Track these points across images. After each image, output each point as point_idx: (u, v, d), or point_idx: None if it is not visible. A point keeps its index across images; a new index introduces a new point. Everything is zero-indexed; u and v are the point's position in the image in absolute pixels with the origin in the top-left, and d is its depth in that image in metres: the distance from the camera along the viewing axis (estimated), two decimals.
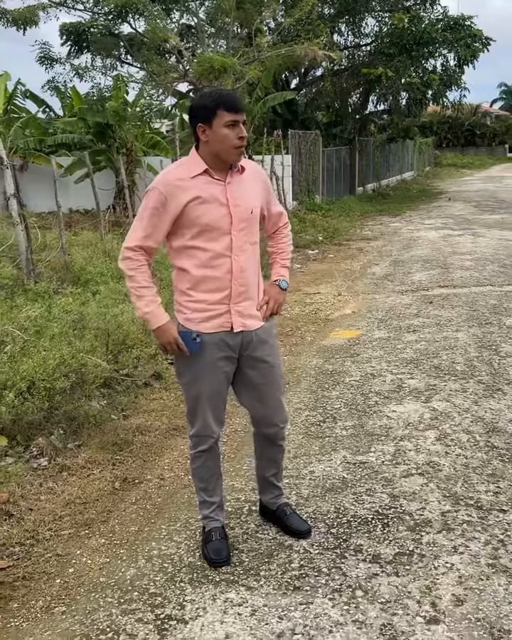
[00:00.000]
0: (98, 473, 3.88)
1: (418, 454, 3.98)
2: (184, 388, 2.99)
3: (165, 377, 5.34)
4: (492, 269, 9.94)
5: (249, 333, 2.90)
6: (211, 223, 2.75)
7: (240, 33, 15.00)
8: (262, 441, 3.18)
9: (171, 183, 2.74)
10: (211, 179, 2.77)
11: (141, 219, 2.79)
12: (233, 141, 2.72)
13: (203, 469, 3.07)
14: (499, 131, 61.37)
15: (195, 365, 2.88)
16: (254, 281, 2.92)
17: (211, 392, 2.92)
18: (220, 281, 2.81)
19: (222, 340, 2.86)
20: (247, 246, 2.86)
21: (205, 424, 2.96)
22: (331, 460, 3.95)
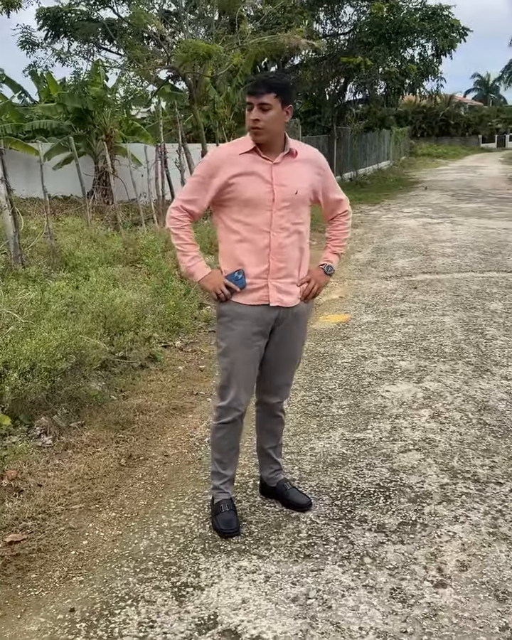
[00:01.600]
0: (103, 450, 3.95)
1: (414, 431, 4.11)
2: (220, 358, 3.09)
3: (160, 360, 5.41)
4: (472, 256, 10.12)
5: (285, 310, 3.01)
6: (253, 198, 2.87)
7: (222, 20, 14.96)
8: (264, 411, 3.28)
9: (220, 157, 2.92)
10: (258, 157, 2.90)
11: (189, 185, 3.01)
12: (248, 122, 2.88)
13: (223, 441, 3.16)
14: (473, 121, 61.88)
15: (233, 335, 2.98)
16: (295, 260, 3.01)
17: (244, 364, 3.02)
18: (259, 255, 2.93)
19: (260, 314, 2.97)
20: (289, 225, 2.95)
21: (236, 396, 3.05)
22: (330, 437, 4.06)
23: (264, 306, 2.97)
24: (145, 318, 5.92)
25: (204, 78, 12.92)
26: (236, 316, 2.97)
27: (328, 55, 21.43)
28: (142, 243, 8.77)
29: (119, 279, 7.05)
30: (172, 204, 3.01)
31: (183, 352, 5.75)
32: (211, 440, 3.23)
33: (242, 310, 2.97)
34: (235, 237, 2.94)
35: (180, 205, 2.97)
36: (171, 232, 3.00)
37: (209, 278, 2.97)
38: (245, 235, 2.92)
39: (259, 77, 2.92)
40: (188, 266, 2.99)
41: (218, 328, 3.07)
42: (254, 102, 2.83)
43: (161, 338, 5.83)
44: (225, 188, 2.89)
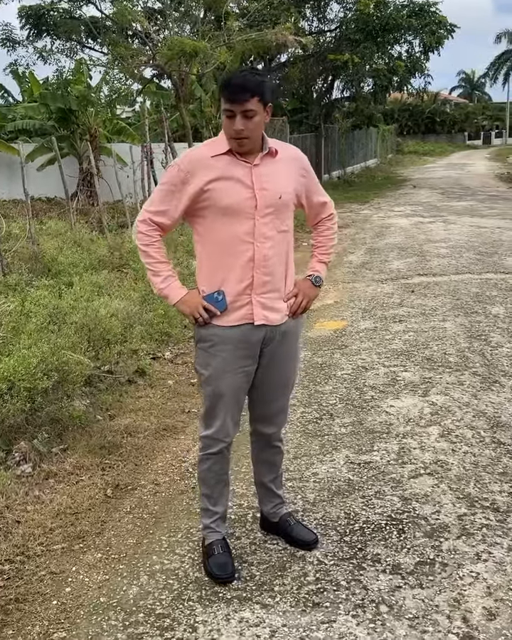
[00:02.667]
0: (87, 479, 3.62)
1: (424, 453, 3.82)
2: (203, 387, 2.78)
3: (149, 374, 5.09)
4: (468, 256, 9.86)
5: (272, 329, 2.70)
6: (232, 206, 2.56)
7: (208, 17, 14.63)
8: (259, 441, 2.98)
9: (193, 161, 2.59)
10: (235, 160, 2.58)
11: (157, 194, 2.66)
12: (229, 131, 2.54)
13: (210, 473, 2.85)
14: (458, 118, 61.85)
15: (216, 362, 2.67)
16: (281, 272, 2.71)
17: (231, 392, 2.72)
18: (241, 270, 2.62)
19: (244, 335, 2.66)
20: (273, 233, 2.64)
21: (222, 426, 2.75)
22: (334, 460, 3.76)
23: (249, 325, 2.66)
24: (132, 328, 5.60)
25: (190, 76, 12.58)
26: (218, 340, 2.65)
27: (315, 53, 21.12)
28: (128, 247, 8.44)
29: (105, 286, 6.72)
30: (138, 217, 2.67)
31: (173, 364, 5.43)
32: (198, 473, 2.92)
33: (224, 333, 2.65)
34: (213, 251, 2.63)
35: (148, 218, 2.63)
36: (138, 249, 2.67)
37: (185, 300, 2.64)
38: (225, 247, 2.60)
39: (235, 78, 2.51)
40: (161, 288, 2.65)
41: (198, 354, 2.73)
42: (236, 109, 2.48)
43: (149, 349, 5.51)
44: (200, 196, 2.56)
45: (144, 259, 2.66)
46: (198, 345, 2.71)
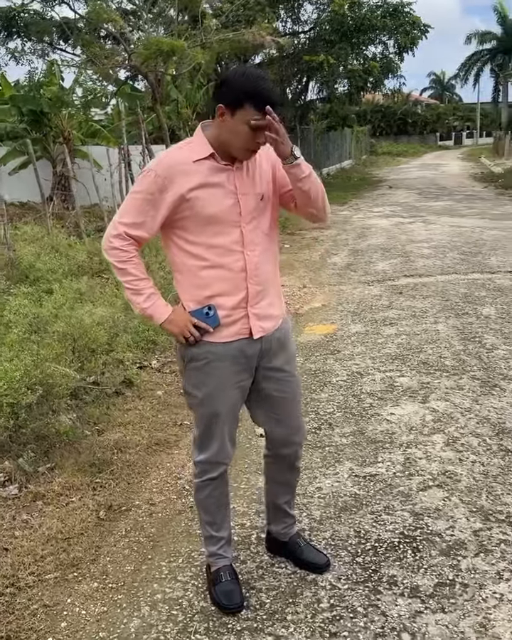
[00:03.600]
0: (78, 500, 3.41)
1: (430, 463, 3.66)
2: (196, 409, 2.56)
3: (136, 384, 4.87)
4: (453, 256, 9.77)
5: (268, 339, 2.51)
6: (218, 214, 2.34)
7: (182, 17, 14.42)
8: (278, 463, 2.78)
9: (172, 166, 2.32)
10: (217, 164, 2.35)
11: (131, 204, 2.36)
12: (249, 143, 2.30)
13: (210, 500, 2.65)
14: (430, 119, 62.24)
15: (210, 381, 2.47)
16: (272, 277, 2.53)
17: (228, 411, 2.53)
18: (234, 282, 2.41)
19: (240, 350, 2.46)
20: (261, 237, 2.45)
21: (220, 448, 2.55)
22: (338, 473, 3.59)
23: (245, 340, 2.47)
24: (117, 336, 5.38)
25: (166, 77, 12.36)
26: (213, 358, 2.45)
27: (290, 54, 21.00)
28: None
29: (86, 292, 6.48)
30: (110, 230, 2.36)
31: (161, 373, 5.22)
32: (195, 500, 2.71)
33: (218, 350, 2.44)
34: (199, 264, 2.38)
35: (123, 232, 2.33)
36: (113, 267, 2.38)
37: (172, 319, 2.41)
38: (214, 259, 2.37)
39: (269, 88, 2.23)
40: (144, 307, 2.40)
41: (189, 374, 2.51)
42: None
43: (135, 358, 5.29)
44: (179, 205, 2.32)
45: (122, 277, 2.39)
46: (189, 365, 2.50)
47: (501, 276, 8.45)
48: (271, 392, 2.59)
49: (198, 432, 2.58)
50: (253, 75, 2.25)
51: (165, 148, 12.84)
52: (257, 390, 2.59)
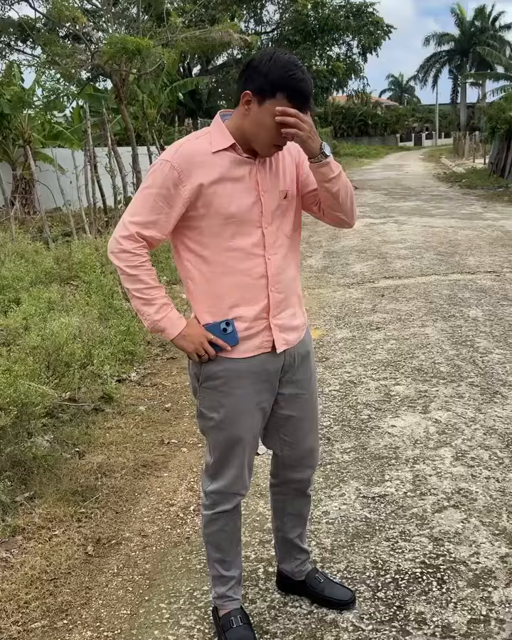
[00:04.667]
0: (62, 534, 3.08)
1: (442, 480, 3.41)
2: (212, 433, 2.27)
3: (116, 399, 4.55)
4: (430, 257, 9.61)
5: (291, 352, 2.25)
6: (239, 213, 2.07)
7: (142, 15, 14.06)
8: (288, 491, 2.50)
9: (189, 157, 2.04)
10: (239, 156, 2.08)
11: (144, 201, 2.09)
12: (275, 138, 2.04)
13: (221, 535, 2.36)
14: (390, 121, 62.73)
15: (229, 402, 2.19)
16: (294, 284, 2.27)
17: (249, 434, 2.25)
18: (254, 290, 2.14)
19: (262, 366, 2.19)
20: (283, 239, 2.19)
21: (237, 477, 2.27)
22: (344, 495, 3.32)
23: (267, 353, 2.20)
24: (93, 348, 5.05)
25: (131, 76, 12.01)
26: (232, 375, 2.18)
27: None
28: (77, 258, 7.84)
29: (57, 301, 6.12)
30: (119, 231, 2.10)
31: (142, 387, 4.90)
32: (204, 535, 2.41)
33: (238, 366, 2.17)
34: (215, 270, 2.12)
35: (135, 233, 2.07)
36: (122, 273, 2.11)
37: (186, 334, 2.14)
38: (232, 264, 2.11)
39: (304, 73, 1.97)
40: (156, 320, 2.12)
41: (203, 395, 2.23)
42: None
43: (113, 371, 4.96)
44: (196, 201, 2.06)
45: (131, 284, 2.10)
46: (204, 385, 2.21)
47: (482, 276, 8.30)
48: (287, 412, 2.33)
49: (212, 459, 2.29)
50: (289, 61, 1.98)
51: (131, 150, 12.52)
52: (272, 409, 2.32)
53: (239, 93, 2.04)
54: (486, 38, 56.12)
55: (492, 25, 58.24)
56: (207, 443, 2.32)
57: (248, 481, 2.32)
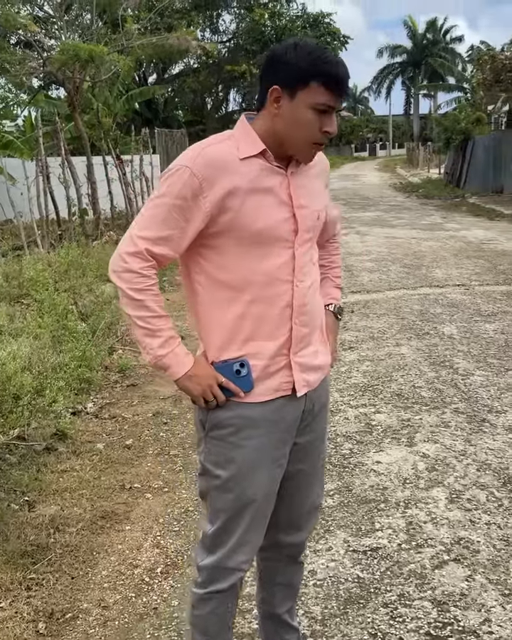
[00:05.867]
0: (9, 606, 2.64)
1: (438, 528, 3.06)
2: (215, 495, 1.88)
3: (71, 436, 4.11)
4: (396, 269, 9.38)
5: (311, 396, 1.92)
6: (266, 230, 1.75)
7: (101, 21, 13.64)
8: (280, 557, 2.13)
9: (213, 163, 1.71)
10: (269, 165, 1.76)
11: (156, 213, 1.75)
12: (315, 134, 1.73)
13: (211, 619, 1.96)
14: (345, 131, 63.20)
15: (242, 455, 1.83)
16: (319, 318, 1.96)
17: (264, 496, 1.89)
18: (275, 322, 1.82)
19: (280, 412, 1.85)
20: (311, 265, 1.89)
21: (239, 549, 1.89)
22: (331, 549, 2.95)
23: (287, 397, 1.86)
24: (45, 377, 4.60)
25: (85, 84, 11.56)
26: (245, 424, 1.82)
27: (212, 63, 20.51)
28: (28, 274, 7.35)
29: (4, 324, 5.65)
30: (124, 246, 1.77)
31: (100, 420, 4.46)
32: (191, 616, 2.01)
33: (252, 412, 1.82)
34: (234, 296, 1.79)
35: (144, 250, 1.73)
36: (124, 295, 1.77)
37: (193, 375, 1.79)
38: (254, 291, 1.78)
39: (338, 61, 1.70)
40: (160, 355, 1.78)
41: (209, 447, 1.86)
42: (336, 105, 1.72)
43: (68, 402, 4.52)
44: (218, 216, 1.72)
45: (135, 311, 1.76)
46: (211, 434, 1.85)
47: (451, 290, 8.08)
48: (296, 466, 1.98)
49: (212, 528, 1.90)
50: (317, 47, 1.72)
51: (86, 160, 12.03)
52: None
53: (262, 92, 1.75)
54: (438, 50, 56.95)
55: (443, 37, 59.13)
56: (206, 508, 1.94)
57: (254, 551, 1.95)
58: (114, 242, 10.79)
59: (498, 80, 19.05)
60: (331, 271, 2.17)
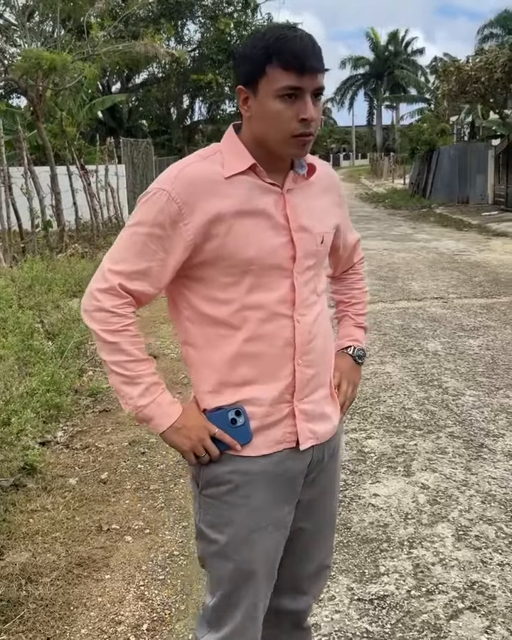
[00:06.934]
0: None
1: (448, 571, 2.82)
2: (215, 562, 1.63)
3: (40, 470, 3.78)
4: (372, 282, 9.19)
5: (319, 449, 1.66)
6: (260, 258, 1.51)
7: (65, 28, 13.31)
8: (282, 623, 1.87)
9: (194, 184, 1.47)
10: (261, 182, 1.52)
11: (130, 243, 1.52)
12: (290, 125, 1.46)
13: None
14: None
15: (240, 517, 1.57)
16: (327, 357, 1.70)
17: (266, 563, 1.63)
18: (276, 363, 1.57)
19: (283, 467, 1.60)
20: (314, 297, 1.64)
21: (246, 625, 1.64)
22: (334, 598, 2.68)
23: (290, 450, 1.60)
24: (10, 404, 4.27)
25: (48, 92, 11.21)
26: (243, 481, 1.57)
27: (177, 73, 20.27)
28: None
29: None
30: (96, 283, 1.54)
31: (71, 450, 4.14)
32: None
33: (252, 468, 1.57)
34: (226, 334, 1.55)
35: (117, 285, 1.50)
36: (98, 339, 1.54)
37: (181, 427, 1.54)
38: (249, 327, 1.54)
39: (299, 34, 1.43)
40: (140, 405, 1.53)
41: (205, 506, 1.61)
42: (307, 85, 1.44)
43: (35, 431, 4.19)
44: (204, 244, 1.49)
45: (110, 355, 1.53)
46: (205, 492, 1.60)
47: (429, 303, 7.92)
48: (301, 524, 1.73)
49: (213, 599, 1.65)
50: (272, 27, 1.47)
51: (50, 170, 11.66)
52: None
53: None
54: (400, 62, 57.56)
55: (405, 49, 59.83)
56: (207, 576, 1.68)
57: (261, 622, 1.68)
58: (79, 254, 10.45)
59: (463, 91, 19.13)
60: (351, 308, 1.93)
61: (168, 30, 15.64)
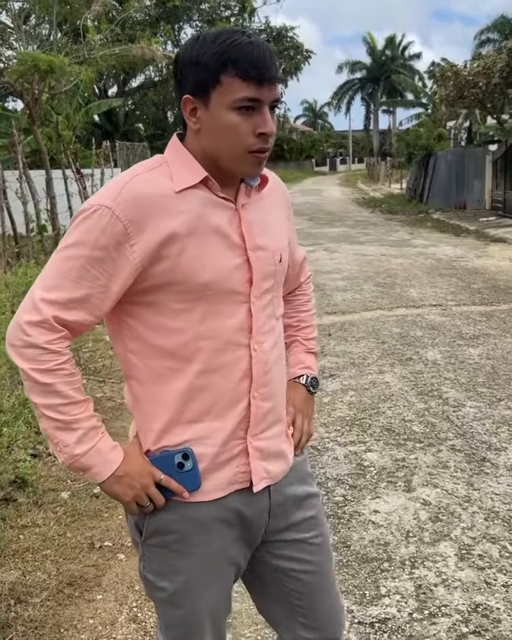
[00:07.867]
0: None
1: (451, 592, 2.73)
2: (163, 607, 1.52)
3: (31, 483, 3.69)
4: (370, 289, 9.13)
5: (279, 489, 1.54)
6: (216, 282, 1.38)
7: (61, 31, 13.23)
8: None
9: (141, 200, 1.33)
10: (214, 197, 1.40)
11: (64, 268, 1.34)
12: (247, 139, 1.35)
13: None
14: (306, 146, 63.51)
15: (186, 566, 1.46)
16: (283, 388, 1.57)
17: (217, 607, 1.52)
18: (230, 397, 1.44)
19: (235, 510, 1.47)
20: (272, 322, 1.51)
21: None
22: None
23: (243, 491, 1.48)
24: (2, 414, 4.18)
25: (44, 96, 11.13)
26: (192, 529, 1.45)
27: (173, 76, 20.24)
28: None
29: None
30: (24, 313, 1.35)
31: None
32: None
33: (201, 514, 1.45)
34: (175, 367, 1.41)
35: (51, 317, 1.33)
36: (27, 379, 1.36)
37: (124, 474, 1.39)
38: (204, 360, 1.41)
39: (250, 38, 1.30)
40: (77, 454, 1.36)
41: (149, 555, 1.48)
42: (265, 97, 1.33)
43: (26, 442, 4.09)
44: (152, 267, 1.35)
45: (42, 398, 1.35)
46: (149, 542, 1.47)
47: (428, 310, 7.84)
48: (288, 571, 1.60)
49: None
50: (222, 32, 1.33)
51: (45, 174, 11.57)
52: (264, 569, 1.60)
53: (180, 106, 1.38)
54: (397, 67, 57.67)
55: (402, 54, 59.96)
56: (158, 615, 1.58)
57: None
58: None
59: (461, 96, 19.11)
60: (300, 332, 1.78)
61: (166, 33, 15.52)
